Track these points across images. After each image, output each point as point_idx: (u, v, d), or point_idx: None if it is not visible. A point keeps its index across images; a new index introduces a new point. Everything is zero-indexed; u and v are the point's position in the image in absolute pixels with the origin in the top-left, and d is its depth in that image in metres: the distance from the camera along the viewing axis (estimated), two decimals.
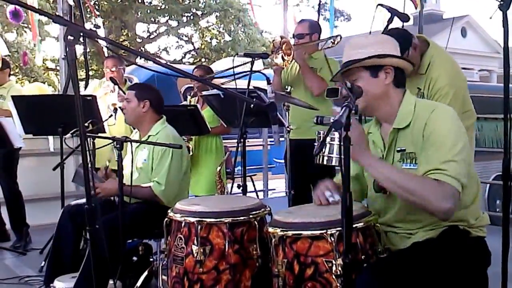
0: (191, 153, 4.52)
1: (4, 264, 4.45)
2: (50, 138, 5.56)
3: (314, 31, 4.12)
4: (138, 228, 3.15)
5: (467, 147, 2.04)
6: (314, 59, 4.11)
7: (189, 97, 4.76)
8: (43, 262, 4.05)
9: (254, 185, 5.98)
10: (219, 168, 4.01)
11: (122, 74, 4.99)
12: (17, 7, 5.72)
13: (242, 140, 3.32)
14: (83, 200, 3.54)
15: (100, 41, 3.08)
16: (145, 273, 3.28)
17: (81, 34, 1.54)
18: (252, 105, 3.04)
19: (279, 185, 8.64)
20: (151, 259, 3.38)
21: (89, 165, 1.96)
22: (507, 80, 2.15)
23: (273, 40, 3.92)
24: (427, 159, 2.01)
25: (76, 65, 1.69)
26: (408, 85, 3.14)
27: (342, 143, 1.79)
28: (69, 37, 1.52)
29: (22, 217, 5.00)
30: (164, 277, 2.75)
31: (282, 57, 3.77)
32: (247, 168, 3.39)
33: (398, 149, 2.16)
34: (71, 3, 6.07)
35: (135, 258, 3.40)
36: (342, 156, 1.79)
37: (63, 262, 3.31)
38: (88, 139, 3.80)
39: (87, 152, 1.75)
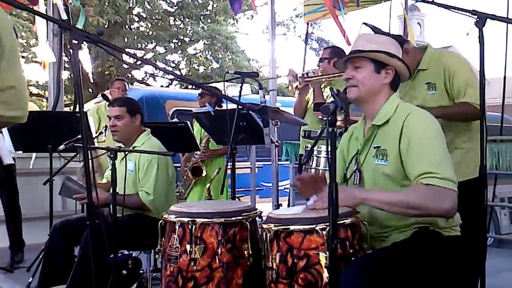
0: (205, 173, 4.94)
1: None
2: (33, 156, 5.54)
3: (334, 56, 4.23)
4: (128, 238, 3.18)
5: (445, 141, 2.13)
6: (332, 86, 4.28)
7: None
8: (31, 278, 4.05)
9: None
10: (208, 185, 4.07)
11: None
12: None
13: (232, 156, 3.40)
14: (74, 216, 3.61)
15: (85, 66, 3.15)
16: (134, 285, 3.30)
17: (86, 39, 1.62)
18: (245, 109, 3.12)
19: (266, 208, 8.63)
20: (140, 272, 3.41)
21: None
22: (483, 90, 2.26)
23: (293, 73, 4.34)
24: (414, 164, 2.07)
25: (80, 70, 1.76)
26: (415, 82, 3.17)
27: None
28: (73, 41, 1.59)
29: (21, 234, 4.95)
30: None
31: (297, 86, 4.22)
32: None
33: (375, 145, 2.24)
34: (64, 17, 6.09)
35: (124, 272, 3.42)
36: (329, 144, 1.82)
37: (54, 276, 3.32)
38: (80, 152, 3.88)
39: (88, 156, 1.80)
